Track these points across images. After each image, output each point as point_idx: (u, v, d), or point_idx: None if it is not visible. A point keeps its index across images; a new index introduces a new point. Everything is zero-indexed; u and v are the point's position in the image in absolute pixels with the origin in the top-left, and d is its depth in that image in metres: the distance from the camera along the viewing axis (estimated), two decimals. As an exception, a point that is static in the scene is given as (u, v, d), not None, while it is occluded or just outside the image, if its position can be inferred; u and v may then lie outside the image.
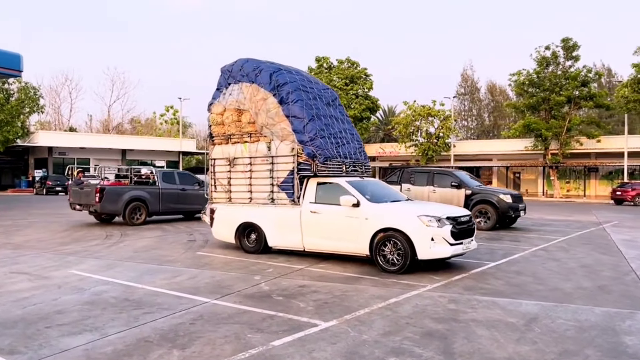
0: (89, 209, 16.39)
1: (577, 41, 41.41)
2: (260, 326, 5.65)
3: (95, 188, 16.02)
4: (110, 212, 16.55)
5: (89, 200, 16.12)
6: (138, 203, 16.51)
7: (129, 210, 16.26)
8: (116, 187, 16.69)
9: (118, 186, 16.84)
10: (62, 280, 7.91)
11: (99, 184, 16.64)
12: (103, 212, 16.30)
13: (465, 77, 76.89)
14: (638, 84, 36.55)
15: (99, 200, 15.75)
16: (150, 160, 53.14)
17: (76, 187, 17.09)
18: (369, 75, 50.83)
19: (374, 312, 6.23)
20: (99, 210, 16.08)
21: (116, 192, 16.28)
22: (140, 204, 16.57)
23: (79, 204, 16.58)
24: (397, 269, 8.51)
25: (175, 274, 8.53)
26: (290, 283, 7.85)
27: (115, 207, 16.13)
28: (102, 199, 15.78)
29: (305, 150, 9.77)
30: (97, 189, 15.88)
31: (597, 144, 41.81)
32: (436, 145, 48.23)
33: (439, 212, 8.81)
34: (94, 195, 15.88)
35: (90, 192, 16.13)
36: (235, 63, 11.08)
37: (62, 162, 48.74)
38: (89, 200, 16.09)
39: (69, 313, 6.11)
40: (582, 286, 7.78)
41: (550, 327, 5.64)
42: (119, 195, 16.20)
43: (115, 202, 16.08)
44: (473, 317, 6.03)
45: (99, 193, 15.78)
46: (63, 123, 69.72)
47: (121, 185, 17.01)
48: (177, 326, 5.63)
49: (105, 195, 15.86)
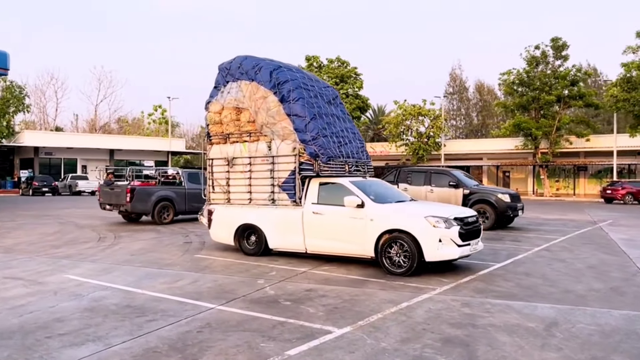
0: (119, 209, 16.75)
1: (567, 41, 41.68)
2: (271, 334, 5.40)
3: (126, 188, 16.38)
4: (140, 212, 16.86)
5: (119, 200, 16.50)
6: (166, 203, 16.88)
7: (157, 210, 16.61)
8: (146, 187, 17.04)
9: (147, 186, 17.19)
10: (58, 286, 7.59)
11: (129, 185, 16.91)
12: (133, 211, 16.66)
13: (454, 76, 77.11)
14: (627, 83, 36.76)
15: (130, 200, 16.12)
16: (139, 160, 52.50)
17: (107, 187, 17.45)
18: (359, 74, 50.71)
19: (388, 317, 6.01)
20: (129, 210, 16.43)
21: (146, 192, 16.62)
22: (168, 204, 16.92)
23: (109, 204, 16.98)
24: (403, 271, 8.30)
25: (176, 278, 8.24)
26: (296, 287, 7.60)
27: (145, 206, 16.48)
28: (133, 199, 16.15)
29: (307, 149, 9.53)
30: (127, 190, 16.25)
31: (587, 143, 42.07)
32: (427, 144, 48.22)
33: (446, 212, 8.62)
34: (124, 196, 16.28)
35: (121, 192, 16.51)
36: (234, 60, 10.80)
37: (49, 163, 48.01)
38: (120, 200, 16.47)
39: (68, 321, 5.82)
40: (594, 288, 7.63)
41: (572, 332, 5.46)
42: (149, 195, 16.57)
43: (145, 201, 16.45)
44: (491, 321, 5.84)
45: (130, 193, 16.14)
46: (48, 123, 68.74)
47: (150, 186, 17.34)
48: (184, 335, 5.37)
49: (135, 196, 16.23)
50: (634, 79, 36.47)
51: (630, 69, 36.78)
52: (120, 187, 16.94)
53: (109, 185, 17.70)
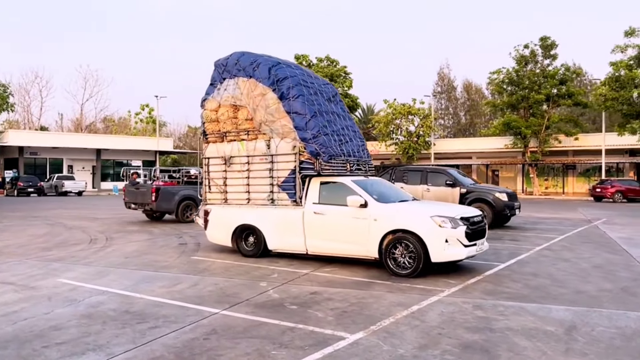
0: (144, 208, 17.29)
1: (555, 40, 41.87)
2: (281, 340, 5.15)
3: (151, 188, 16.88)
4: (164, 211, 17.24)
5: (145, 200, 17.02)
6: (189, 202, 17.18)
7: (181, 209, 17.00)
8: (169, 187, 17.41)
9: (171, 186, 17.53)
10: (51, 291, 7.26)
11: (153, 184, 17.36)
12: (158, 210, 17.11)
13: (442, 75, 77.13)
14: (616, 82, 36.98)
15: (155, 199, 16.57)
16: (126, 160, 51.87)
17: (132, 187, 17.95)
18: (349, 73, 50.52)
19: (400, 321, 5.78)
20: (154, 209, 16.92)
21: (170, 191, 17.06)
22: (191, 203, 17.15)
23: (134, 203, 17.52)
24: (409, 273, 8.09)
25: (174, 281, 7.95)
26: (300, 290, 7.36)
27: (169, 205, 16.89)
28: (158, 198, 16.59)
29: (308, 148, 9.27)
30: (153, 189, 16.73)
31: (575, 142, 42.30)
32: (416, 143, 48.18)
33: (452, 212, 8.43)
34: (150, 195, 16.77)
35: (147, 192, 17.00)
36: (230, 57, 10.51)
37: (34, 163, 47.22)
38: (145, 200, 16.98)
39: (66, 329, 5.51)
40: (604, 288, 7.48)
41: (593, 336, 5.27)
42: (173, 194, 17.01)
43: (169, 200, 16.85)
44: (507, 325, 5.64)
45: (155, 193, 16.62)
46: (33, 122, 67.65)
47: (174, 185, 17.65)
48: (190, 342, 5.09)
49: (160, 195, 16.71)
50: (622, 78, 36.69)
51: (618, 68, 36.99)
52: (145, 186, 17.56)
53: (134, 185, 18.20)
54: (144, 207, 17.28)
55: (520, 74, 42.25)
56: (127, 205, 17.93)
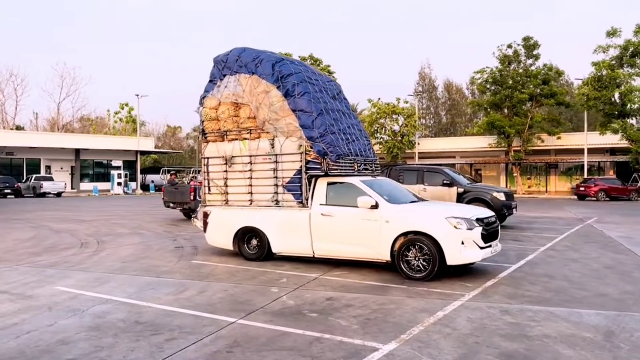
0: (182, 207, 18.02)
1: (537, 40, 42.25)
2: (312, 352, 4.82)
3: (189, 188, 17.43)
4: None
5: (183, 199, 17.68)
6: None
7: None
8: None
9: None
10: (50, 300, 6.81)
11: (190, 184, 18.00)
12: (196, 208, 16.76)
13: (423, 75, 77.47)
14: (598, 82, 37.41)
15: (193, 198, 16.96)
16: (106, 160, 50.80)
17: (171, 187, 18.72)
18: (332, 72, 50.29)
19: (430, 329, 5.50)
20: (192, 207, 16.94)
21: None
22: None
23: (173, 202, 18.24)
24: (423, 276, 7.83)
25: (180, 287, 7.55)
26: (314, 295, 7.03)
27: None
28: (195, 197, 16.69)
29: (314, 147, 8.94)
30: (191, 189, 17.22)
31: (557, 141, 42.72)
32: (400, 142, 48.17)
33: (466, 213, 8.18)
34: (188, 194, 17.38)
35: (185, 191, 17.65)
36: (231, 53, 10.12)
37: (10, 163, 45.88)
38: (184, 199, 17.65)
39: (74, 343, 5.10)
40: (626, 290, 7.31)
41: (635, 343, 5.06)
42: None
43: None
44: (542, 332, 5.40)
45: (193, 192, 17.03)
46: (8, 121, 65.85)
47: None
48: (214, 356, 4.74)
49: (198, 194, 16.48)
50: (604, 77, 37.13)
51: (600, 68, 37.46)
52: (184, 186, 18.21)
53: (173, 185, 18.95)
54: (182, 206, 18.00)
55: (503, 73, 42.53)
56: (166, 204, 18.66)
